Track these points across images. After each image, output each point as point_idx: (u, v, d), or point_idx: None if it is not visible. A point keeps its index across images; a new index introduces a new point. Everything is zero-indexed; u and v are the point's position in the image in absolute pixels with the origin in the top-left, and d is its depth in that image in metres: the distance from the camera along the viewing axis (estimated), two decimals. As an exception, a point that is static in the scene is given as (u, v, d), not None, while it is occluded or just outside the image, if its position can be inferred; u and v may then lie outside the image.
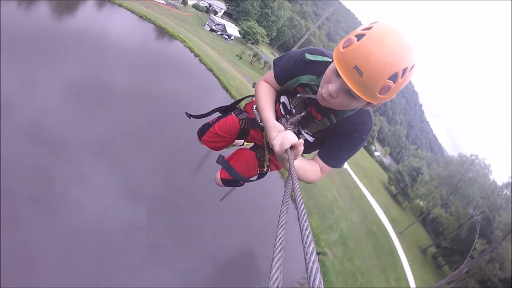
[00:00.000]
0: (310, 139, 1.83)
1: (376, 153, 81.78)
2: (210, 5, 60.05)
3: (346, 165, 34.84)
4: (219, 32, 51.43)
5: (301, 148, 1.37)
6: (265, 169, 2.23)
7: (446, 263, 39.59)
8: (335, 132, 1.73)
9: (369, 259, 23.18)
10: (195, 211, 11.83)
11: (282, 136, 1.43)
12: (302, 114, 1.76)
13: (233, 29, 53.86)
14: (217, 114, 2.54)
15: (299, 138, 1.43)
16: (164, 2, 45.33)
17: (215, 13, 59.97)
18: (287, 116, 1.84)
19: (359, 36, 1.31)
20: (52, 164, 9.10)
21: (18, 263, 6.63)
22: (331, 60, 1.56)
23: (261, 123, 1.86)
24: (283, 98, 1.87)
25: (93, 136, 11.02)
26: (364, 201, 34.07)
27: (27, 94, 10.31)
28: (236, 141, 2.52)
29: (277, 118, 1.77)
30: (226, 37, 52.06)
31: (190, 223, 11.20)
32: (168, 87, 18.23)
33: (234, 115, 2.35)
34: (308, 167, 1.73)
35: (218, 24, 51.34)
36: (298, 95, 1.78)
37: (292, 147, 1.37)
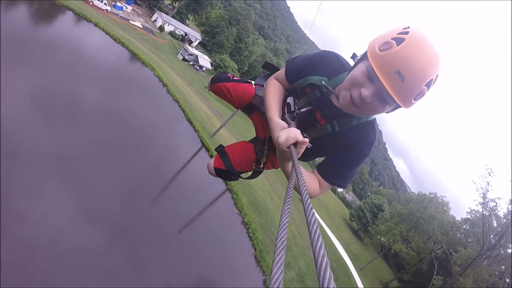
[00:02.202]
0: (308, 145, 1.68)
1: (339, 190, 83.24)
2: (186, 34, 61.04)
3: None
4: (191, 62, 52.09)
5: (304, 147, 1.33)
6: (261, 166, 2.16)
7: (408, 298, 39.91)
8: (335, 143, 1.65)
9: None
10: (152, 239, 11.51)
11: (288, 131, 1.38)
12: (304, 109, 1.67)
13: (205, 61, 54.71)
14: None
15: None
16: (141, 26, 45.58)
17: (190, 42, 60.95)
18: (290, 115, 1.73)
19: (398, 40, 1.29)
20: (8, 172, 8.53)
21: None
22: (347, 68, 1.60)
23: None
24: (289, 99, 1.83)
25: (55, 149, 10.68)
26: (325, 238, 33.90)
27: None
28: None
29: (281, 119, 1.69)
30: (198, 68, 52.75)
31: (147, 251, 10.83)
32: (134, 112, 18.14)
33: (254, 87, 2.27)
34: (309, 178, 1.64)
35: (191, 55, 52.08)
36: (304, 97, 1.72)
37: (296, 145, 1.33)
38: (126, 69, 26.78)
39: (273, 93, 1.80)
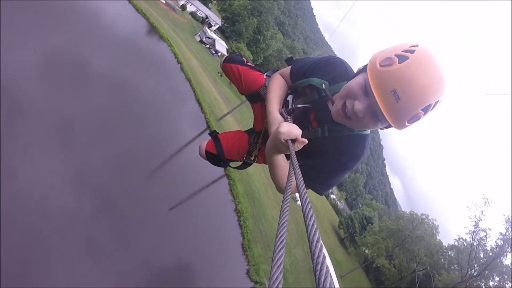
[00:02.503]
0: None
1: (332, 196, 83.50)
2: (207, 17, 60.78)
3: (298, 203, 35.29)
4: (207, 46, 51.89)
5: (301, 147, 1.31)
6: (252, 158, 2.15)
7: (384, 313, 40.23)
8: (321, 148, 1.64)
9: None
10: (141, 215, 11.34)
11: (290, 125, 1.36)
12: (301, 106, 1.66)
13: (222, 46, 54.51)
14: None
15: None
16: (164, 2, 45.31)
17: (210, 26, 60.74)
18: (286, 110, 1.73)
19: (401, 58, 1.24)
20: (7, 126, 8.43)
21: None
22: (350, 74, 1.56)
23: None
24: (289, 97, 1.81)
25: (58, 111, 10.50)
26: None
27: None
28: None
29: None
30: (213, 52, 52.55)
31: (133, 226, 10.67)
32: (144, 84, 17.98)
33: (265, 78, 2.25)
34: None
35: (209, 38, 51.88)
36: (303, 98, 1.71)
37: (293, 142, 1.31)
38: (143, 40, 26.59)
39: (276, 87, 1.80)
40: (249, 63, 2.35)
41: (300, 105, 1.66)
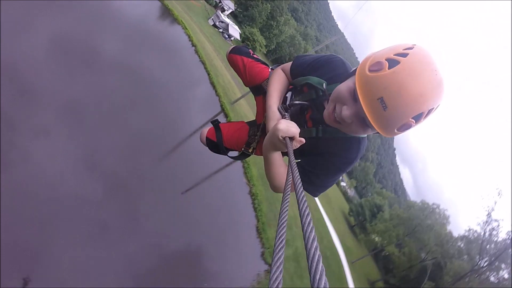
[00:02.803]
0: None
1: (342, 183, 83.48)
2: (220, 1, 60.08)
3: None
4: (220, 30, 51.40)
5: (298, 146, 1.30)
6: (250, 150, 2.14)
7: (392, 301, 40.48)
8: (315, 148, 1.60)
9: None
10: (153, 198, 11.33)
11: (289, 122, 1.34)
12: (298, 103, 1.65)
13: (235, 31, 53.98)
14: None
15: None
16: (176, -15, 44.82)
17: (223, 10, 59.99)
18: (283, 106, 1.71)
19: (392, 62, 1.15)
20: (16, 110, 8.40)
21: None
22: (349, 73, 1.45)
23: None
24: (289, 94, 1.81)
25: (69, 94, 10.35)
26: (322, 225, 34.43)
27: (10, 35, 9.50)
28: None
29: None
30: (226, 36, 52.08)
31: (144, 209, 10.63)
32: (157, 67, 17.85)
33: (270, 70, 2.23)
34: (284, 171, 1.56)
35: (222, 22, 51.31)
36: (301, 95, 1.69)
37: (291, 139, 1.29)
38: (157, 23, 26.37)
39: (277, 82, 1.78)
40: (255, 55, 2.33)
41: (297, 102, 1.64)
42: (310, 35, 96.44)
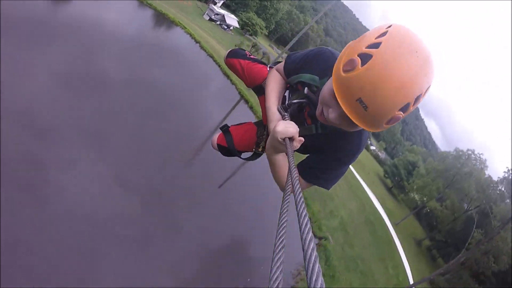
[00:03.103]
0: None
1: (372, 147, 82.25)
2: (210, -5, 59.53)
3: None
4: (218, 22, 51.00)
5: (298, 145, 1.29)
6: (260, 150, 2.13)
7: (440, 256, 39.97)
8: (317, 144, 1.58)
9: (368, 247, 23.40)
10: (189, 199, 11.48)
11: (287, 123, 1.34)
12: (295, 101, 1.62)
13: (232, 20, 53.44)
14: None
15: None
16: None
17: (215, 3, 59.43)
18: (282, 106, 1.68)
19: (365, 57, 1.07)
20: (40, 150, 8.63)
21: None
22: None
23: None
24: (287, 93, 1.79)
25: (84, 123, 10.44)
26: (362, 192, 34.40)
27: (14, 79, 9.61)
28: None
29: None
30: (225, 27, 51.68)
31: (183, 213, 10.79)
32: (168, 72, 17.90)
33: (268, 69, 2.17)
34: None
35: (217, 14, 50.89)
36: (297, 94, 1.67)
37: (291, 140, 1.28)
38: (155, 30, 26.41)
39: (273, 83, 1.76)
40: (252, 56, 2.31)
41: (295, 101, 1.61)
42: (307, 7, 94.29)
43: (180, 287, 8.78)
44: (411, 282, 25.88)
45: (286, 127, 1.30)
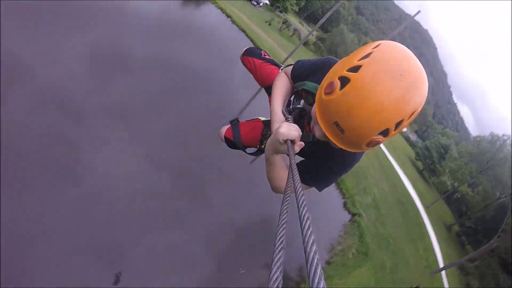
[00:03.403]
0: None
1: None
2: (239, -29, 58.36)
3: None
4: (247, -2, 50.22)
5: (299, 149, 1.29)
6: (263, 146, 2.19)
7: (469, 243, 39.10)
8: (313, 152, 1.60)
9: (399, 227, 23.24)
10: (220, 176, 11.54)
11: (291, 125, 1.34)
12: (299, 106, 1.67)
13: (262, -4, 52.50)
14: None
15: None
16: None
17: (245, -21, 58.39)
18: (286, 109, 1.71)
19: (343, 81, 1.06)
20: (70, 129, 8.68)
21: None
22: None
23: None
24: (292, 97, 1.83)
25: (112, 102, 10.43)
26: (393, 172, 34.00)
27: (42, 59, 9.62)
28: None
29: None
30: (255, 3, 50.80)
31: (214, 189, 10.86)
32: (200, 49, 17.65)
33: (280, 71, 2.15)
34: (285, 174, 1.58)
35: (247, -10, 50.02)
36: (300, 100, 1.70)
37: (292, 142, 1.28)
38: (184, 7, 26.05)
39: (280, 86, 1.79)
40: (266, 56, 2.39)
41: (298, 106, 1.67)
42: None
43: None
44: (441, 265, 25.52)
45: (289, 129, 1.30)
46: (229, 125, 2.48)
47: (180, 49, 16.49)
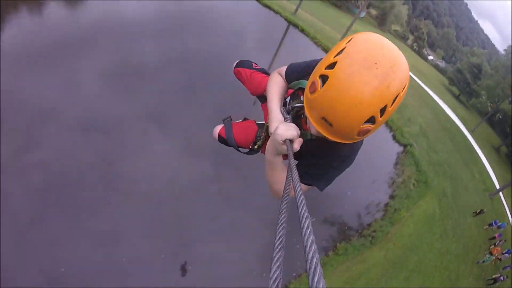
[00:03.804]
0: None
1: (430, 57, 76.53)
2: None
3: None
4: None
5: (298, 147, 1.29)
6: (256, 147, 2.13)
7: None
8: (311, 150, 1.55)
9: (451, 153, 22.64)
10: (258, 160, 11.07)
11: (288, 125, 1.35)
12: (297, 105, 1.62)
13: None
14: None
15: None
16: None
17: None
18: (285, 108, 1.70)
19: (323, 79, 1.11)
20: (112, 148, 9.39)
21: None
22: None
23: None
24: (288, 98, 1.81)
25: (142, 109, 10.78)
26: (433, 101, 32.95)
27: (66, 90, 10.02)
28: None
29: None
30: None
31: (254, 171, 10.83)
32: (230, 31, 17.25)
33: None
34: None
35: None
36: (297, 100, 1.66)
37: (291, 141, 1.30)
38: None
39: (275, 86, 1.77)
40: (257, 67, 2.44)
41: (296, 105, 1.64)
42: None
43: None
44: (497, 187, 24.55)
45: (287, 129, 1.32)
46: (223, 125, 2.45)
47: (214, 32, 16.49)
